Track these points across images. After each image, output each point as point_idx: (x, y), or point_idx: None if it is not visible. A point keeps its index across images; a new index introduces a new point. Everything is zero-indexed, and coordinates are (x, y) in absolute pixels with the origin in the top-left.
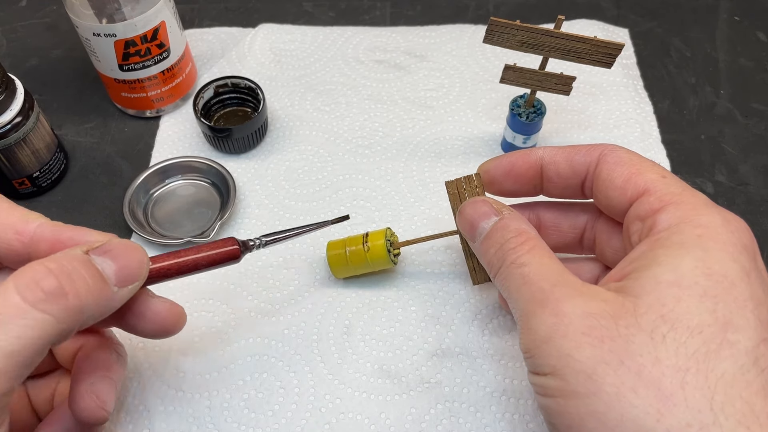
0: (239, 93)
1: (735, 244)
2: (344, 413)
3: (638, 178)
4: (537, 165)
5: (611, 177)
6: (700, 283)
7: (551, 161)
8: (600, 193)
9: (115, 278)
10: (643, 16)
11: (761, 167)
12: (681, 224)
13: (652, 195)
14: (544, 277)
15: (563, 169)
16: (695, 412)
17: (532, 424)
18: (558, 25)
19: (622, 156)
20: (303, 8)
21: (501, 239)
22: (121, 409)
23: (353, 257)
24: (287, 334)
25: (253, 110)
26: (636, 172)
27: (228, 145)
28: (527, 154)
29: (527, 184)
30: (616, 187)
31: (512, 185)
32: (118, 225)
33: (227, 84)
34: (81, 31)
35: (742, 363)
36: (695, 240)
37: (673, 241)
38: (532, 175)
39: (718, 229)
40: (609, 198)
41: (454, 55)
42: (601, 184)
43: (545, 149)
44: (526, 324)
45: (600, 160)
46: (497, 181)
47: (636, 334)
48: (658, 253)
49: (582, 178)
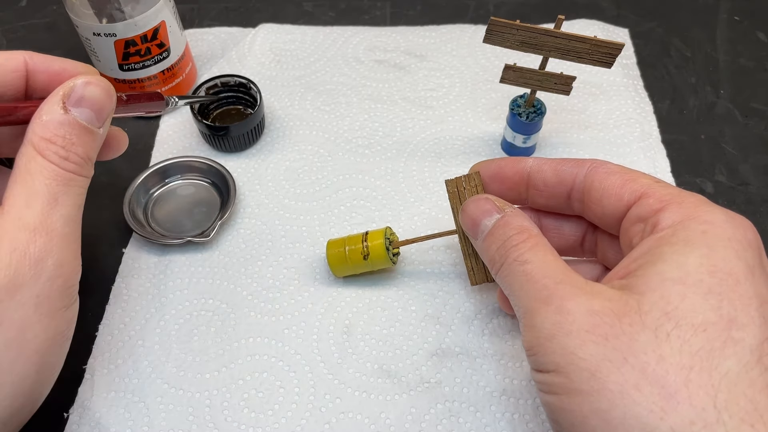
0: (232, 91)
1: (740, 240)
2: (344, 413)
3: (633, 184)
4: (524, 172)
5: (604, 186)
6: (704, 281)
7: (538, 170)
8: (593, 204)
9: (97, 121)
10: (643, 16)
11: (761, 167)
12: (685, 221)
13: (651, 197)
14: (547, 275)
15: (549, 177)
16: (699, 410)
17: (532, 424)
18: (558, 24)
19: (612, 167)
20: (303, 8)
21: (503, 236)
22: (120, 406)
23: (352, 256)
24: (287, 334)
25: (247, 107)
26: (630, 179)
27: (227, 144)
28: (517, 160)
29: (512, 190)
30: (611, 194)
31: (497, 189)
32: (118, 225)
33: (217, 84)
34: (81, 31)
35: (746, 361)
36: (700, 237)
37: (678, 237)
38: (517, 181)
39: (723, 225)
40: (604, 207)
41: (454, 55)
42: (595, 193)
43: (535, 159)
44: (529, 321)
45: (590, 172)
46: (484, 183)
47: (640, 331)
48: (663, 250)
49: (568, 188)
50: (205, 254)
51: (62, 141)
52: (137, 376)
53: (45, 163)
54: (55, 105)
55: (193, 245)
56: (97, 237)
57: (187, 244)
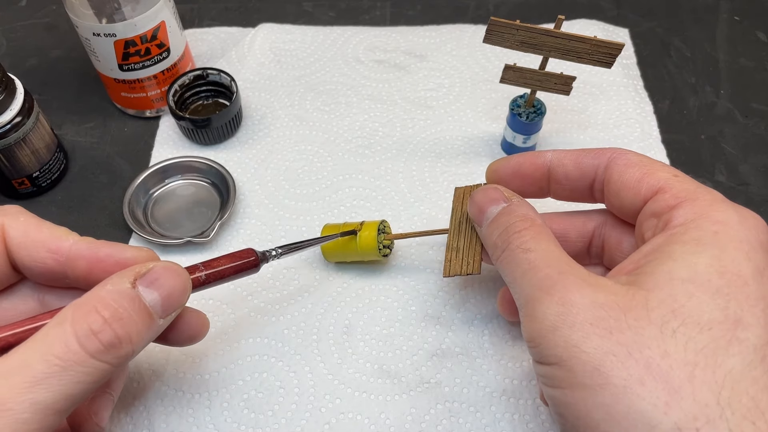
0: (195, 87)
1: (751, 241)
2: (344, 413)
3: (651, 178)
4: (544, 167)
5: (623, 179)
6: (713, 281)
7: (559, 163)
8: (612, 196)
9: (161, 310)
10: (643, 16)
11: (761, 167)
12: (697, 220)
13: (667, 192)
14: (550, 264)
15: (571, 171)
16: (702, 406)
17: (532, 424)
18: (558, 24)
19: (632, 158)
20: (303, 8)
21: (506, 222)
22: (121, 409)
23: (344, 242)
24: (287, 334)
25: (214, 95)
26: (648, 172)
27: (209, 136)
28: (535, 155)
29: (533, 185)
30: (629, 188)
31: (519, 186)
32: (118, 225)
33: (176, 89)
34: (81, 31)
35: (749, 360)
36: (711, 237)
37: (689, 236)
38: (538, 177)
39: (735, 226)
40: (621, 199)
41: (454, 55)
42: (613, 186)
43: (554, 152)
44: (531, 312)
45: (610, 163)
46: (504, 181)
47: (646, 326)
48: (673, 248)
49: (590, 181)
50: (205, 254)
51: (109, 312)
52: (138, 379)
53: (67, 332)
54: (124, 278)
55: (192, 245)
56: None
57: (186, 244)
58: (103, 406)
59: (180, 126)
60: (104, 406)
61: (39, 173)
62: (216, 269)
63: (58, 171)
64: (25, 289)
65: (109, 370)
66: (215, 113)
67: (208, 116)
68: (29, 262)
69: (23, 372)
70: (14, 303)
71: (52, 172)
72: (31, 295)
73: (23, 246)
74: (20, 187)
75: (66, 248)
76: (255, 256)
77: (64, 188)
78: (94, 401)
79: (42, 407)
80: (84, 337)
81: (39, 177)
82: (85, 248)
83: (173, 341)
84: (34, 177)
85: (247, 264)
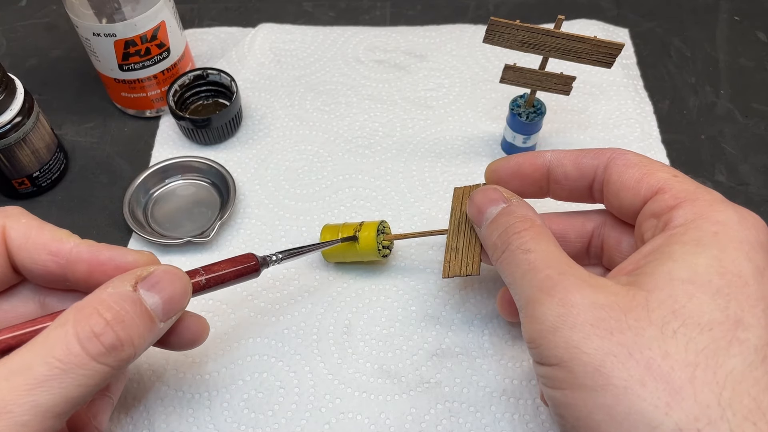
0: (195, 87)
1: (751, 242)
2: (344, 413)
3: (651, 178)
4: (544, 167)
5: (622, 179)
6: (713, 282)
7: (558, 164)
8: (611, 196)
9: (162, 313)
10: (643, 16)
11: (761, 167)
12: (697, 220)
13: (667, 193)
14: (550, 265)
15: (570, 171)
16: (704, 407)
17: (532, 424)
18: (558, 24)
19: (631, 158)
20: (303, 8)
21: (506, 223)
22: (121, 409)
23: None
24: (287, 334)
25: (214, 95)
26: (648, 172)
27: (209, 136)
28: (535, 155)
29: (533, 186)
30: (629, 188)
31: (518, 186)
32: (118, 225)
33: (176, 89)
34: (81, 31)
35: (750, 360)
36: (711, 237)
37: (689, 237)
38: (538, 177)
39: (735, 226)
40: (621, 199)
41: (454, 55)
42: (612, 186)
43: (553, 152)
44: (531, 312)
45: (609, 163)
46: (503, 181)
47: (646, 327)
48: (673, 249)
49: (590, 181)
50: (204, 254)
51: (111, 314)
52: (137, 380)
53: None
54: (126, 281)
55: (192, 245)
56: (96, 237)
57: (186, 245)
58: (103, 409)
59: (180, 126)
60: (103, 409)
61: (39, 173)
62: (216, 274)
63: (58, 171)
64: (25, 291)
65: (110, 372)
66: (215, 113)
67: (208, 116)
68: (30, 264)
69: (24, 374)
70: (14, 305)
71: (52, 172)
72: (31, 297)
73: (24, 248)
74: (20, 187)
75: (67, 251)
76: (255, 261)
77: (64, 188)
78: (93, 404)
79: (42, 410)
80: (86, 339)
81: (39, 177)
82: (86, 251)
83: (173, 345)
84: (34, 177)
85: (247, 269)
